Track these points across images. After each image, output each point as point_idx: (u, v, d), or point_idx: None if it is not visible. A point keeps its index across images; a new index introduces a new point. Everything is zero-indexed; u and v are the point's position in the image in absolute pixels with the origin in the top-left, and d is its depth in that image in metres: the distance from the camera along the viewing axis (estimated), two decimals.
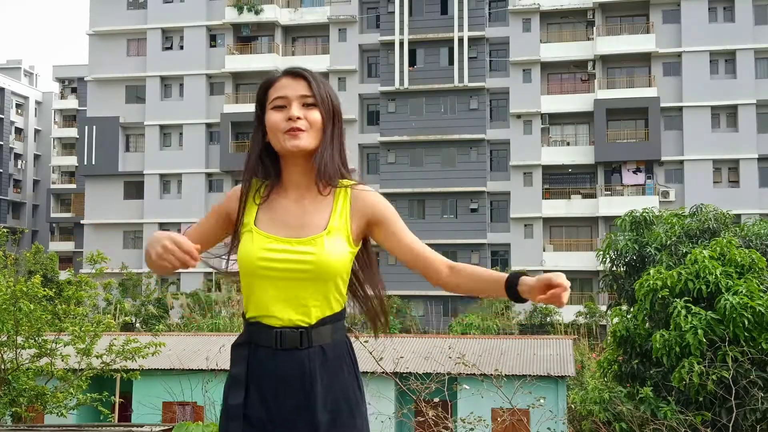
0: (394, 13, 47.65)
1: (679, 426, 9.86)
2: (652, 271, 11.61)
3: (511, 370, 19.25)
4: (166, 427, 9.58)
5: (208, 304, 40.21)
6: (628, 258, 15.21)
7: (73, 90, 69.96)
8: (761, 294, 10.57)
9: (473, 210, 45.96)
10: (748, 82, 44.36)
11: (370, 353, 7.58)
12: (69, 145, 69.59)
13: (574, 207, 45.34)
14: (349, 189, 2.34)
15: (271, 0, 49.32)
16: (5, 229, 25.79)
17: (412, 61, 47.73)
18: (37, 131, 76.04)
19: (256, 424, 2.26)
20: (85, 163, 51.24)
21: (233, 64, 49.06)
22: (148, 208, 49.37)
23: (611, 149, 45.08)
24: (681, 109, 44.90)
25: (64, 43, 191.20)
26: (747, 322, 10.24)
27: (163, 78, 50.05)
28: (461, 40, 46.75)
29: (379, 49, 48.25)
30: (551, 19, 47.40)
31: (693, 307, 10.64)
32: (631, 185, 45.33)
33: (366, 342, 7.78)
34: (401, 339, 24.05)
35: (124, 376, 14.12)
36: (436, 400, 9.52)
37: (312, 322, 2.26)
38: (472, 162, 46.34)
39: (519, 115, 46.16)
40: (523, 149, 45.69)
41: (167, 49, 50.61)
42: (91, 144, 50.68)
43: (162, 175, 49.68)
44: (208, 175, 49.46)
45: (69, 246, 63.85)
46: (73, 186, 66.40)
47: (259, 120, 2.38)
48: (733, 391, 9.75)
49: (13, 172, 72.72)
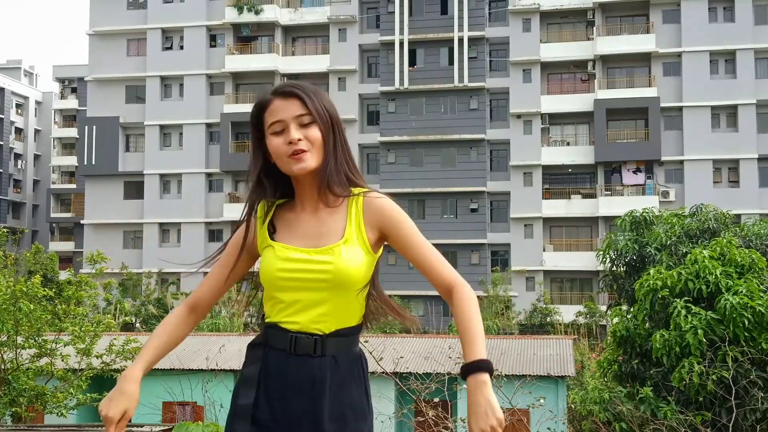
0: (394, 13, 47.64)
1: (679, 426, 9.86)
2: (652, 271, 11.61)
3: (511, 370, 19.24)
4: (166, 427, 9.59)
5: None
6: (628, 258, 15.20)
7: (73, 90, 69.95)
8: (761, 294, 10.57)
9: (473, 210, 45.94)
10: (748, 82, 44.35)
11: (370, 353, 7.58)
12: (69, 145, 69.59)
13: (574, 207, 45.32)
14: (361, 197, 2.35)
15: (271, 0, 49.32)
16: (5, 229, 25.79)
17: (412, 61, 47.71)
18: (37, 131, 76.03)
19: (261, 425, 2.29)
20: (85, 163, 51.24)
21: (233, 64, 49.06)
22: (148, 208, 49.36)
23: (611, 149, 45.07)
24: (681, 109, 44.89)
25: (64, 43, 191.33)
26: (747, 322, 10.24)
27: (163, 78, 50.05)
28: (461, 40, 46.74)
29: (379, 49, 48.24)
30: (551, 19, 47.39)
31: (693, 307, 10.64)
32: (631, 185, 45.31)
33: (366, 342, 7.78)
34: (401, 339, 24.04)
35: None
36: (436, 400, 9.52)
37: (327, 331, 2.29)
38: (472, 162, 46.34)
39: (519, 115, 46.16)
40: (523, 149, 45.68)
41: (167, 49, 50.60)
42: (91, 144, 50.67)
43: (162, 175, 49.67)
44: (208, 175, 49.45)
45: (69, 246, 63.84)
46: (73, 186, 66.40)
47: (256, 142, 2.37)
48: (733, 391, 9.75)
49: (13, 172, 72.72)
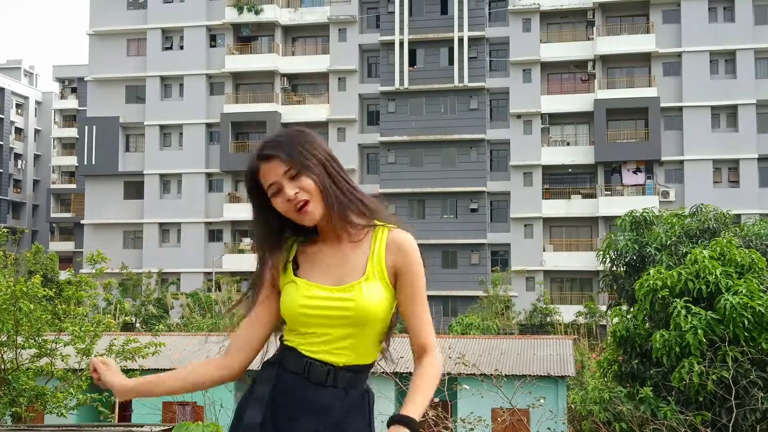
0: (394, 13, 47.63)
1: (679, 426, 9.86)
2: (652, 271, 11.61)
3: (511, 370, 19.25)
4: (166, 427, 9.60)
5: (208, 304, 40.19)
6: (628, 258, 15.21)
7: (73, 90, 69.95)
8: (761, 294, 10.57)
9: (473, 210, 45.93)
10: (748, 82, 44.34)
11: None
12: (69, 145, 69.58)
13: (574, 207, 45.31)
14: (386, 231, 2.37)
15: (271, 0, 49.31)
16: (5, 229, 25.79)
17: (412, 61, 47.70)
18: (37, 131, 76.03)
19: None
20: (85, 163, 51.24)
21: (233, 64, 49.05)
22: (148, 208, 49.35)
23: (611, 149, 45.05)
24: (681, 109, 44.88)
25: (64, 43, 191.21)
26: (747, 322, 10.24)
27: (163, 78, 50.04)
28: (461, 40, 46.73)
29: (379, 49, 48.23)
30: (551, 19, 47.38)
31: (693, 307, 10.64)
32: (631, 185, 45.31)
33: None
34: (401, 339, 23.86)
35: None
36: (436, 400, 9.51)
37: (341, 364, 2.32)
38: (472, 162, 46.33)
39: (519, 115, 46.15)
40: (523, 149, 45.67)
41: (167, 49, 50.59)
42: (91, 144, 50.67)
43: (162, 175, 49.66)
44: (208, 175, 49.44)
45: (69, 246, 63.85)
46: (73, 186, 66.40)
47: (259, 204, 2.38)
48: (733, 391, 9.75)
49: (13, 172, 72.71)
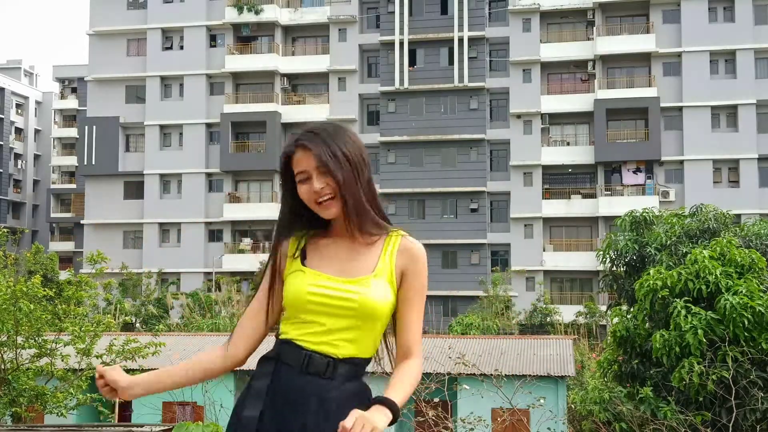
0: (394, 13, 47.64)
1: (679, 426, 9.86)
2: (652, 271, 11.61)
3: (511, 370, 19.25)
4: (166, 427, 9.59)
5: (208, 304, 40.21)
6: (628, 258, 15.20)
7: (73, 90, 69.95)
8: (761, 294, 10.57)
9: (473, 210, 45.93)
10: (748, 82, 44.34)
11: None
12: (69, 145, 69.58)
13: (574, 207, 45.31)
14: (399, 237, 2.43)
15: (271, 0, 49.31)
16: (5, 229, 25.75)
17: (412, 61, 47.71)
18: (37, 131, 76.03)
19: None
20: (85, 163, 51.23)
21: (233, 64, 49.06)
22: (148, 208, 49.35)
23: (611, 149, 45.06)
24: (681, 109, 44.88)
25: (64, 43, 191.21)
26: (747, 322, 10.24)
27: (163, 78, 50.04)
28: (461, 40, 46.73)
29: (379, 49, 48.23)
30: (551, 19, 47.38)
31: (693, 307, 10.64)
32: (631, 185, 45.31)
33: None
34: None
35: None
36: (436, 400, 9.52)
37: (341, 356, 2.34)
38: (472, 162, 46.33)
39: (519, 115, 46.15)
40: (523, 149, 45.67)
41: (167, 49, 50.59)
42: (91, 144, 50.66)
43: (162, 175, 49.66)
44: (208, 175, 49.44)
45: (69, 246, 63.85)
46: (73, 186, 66.40)
47: (285, 185, 2.45)
48: (733, 391, 9.75)
49: (13, 172, 72.71)
